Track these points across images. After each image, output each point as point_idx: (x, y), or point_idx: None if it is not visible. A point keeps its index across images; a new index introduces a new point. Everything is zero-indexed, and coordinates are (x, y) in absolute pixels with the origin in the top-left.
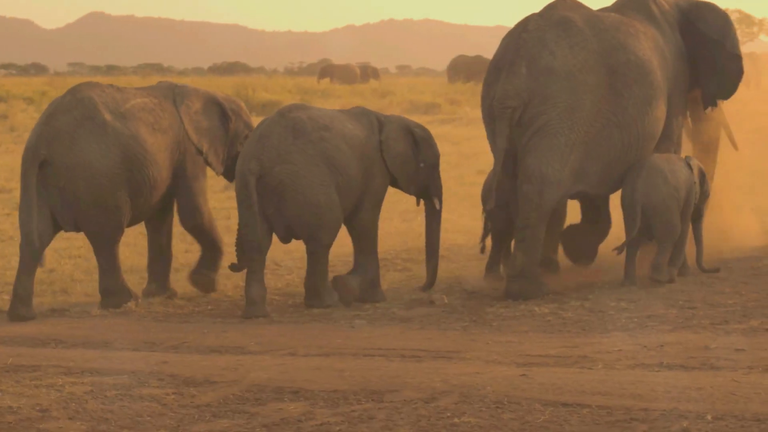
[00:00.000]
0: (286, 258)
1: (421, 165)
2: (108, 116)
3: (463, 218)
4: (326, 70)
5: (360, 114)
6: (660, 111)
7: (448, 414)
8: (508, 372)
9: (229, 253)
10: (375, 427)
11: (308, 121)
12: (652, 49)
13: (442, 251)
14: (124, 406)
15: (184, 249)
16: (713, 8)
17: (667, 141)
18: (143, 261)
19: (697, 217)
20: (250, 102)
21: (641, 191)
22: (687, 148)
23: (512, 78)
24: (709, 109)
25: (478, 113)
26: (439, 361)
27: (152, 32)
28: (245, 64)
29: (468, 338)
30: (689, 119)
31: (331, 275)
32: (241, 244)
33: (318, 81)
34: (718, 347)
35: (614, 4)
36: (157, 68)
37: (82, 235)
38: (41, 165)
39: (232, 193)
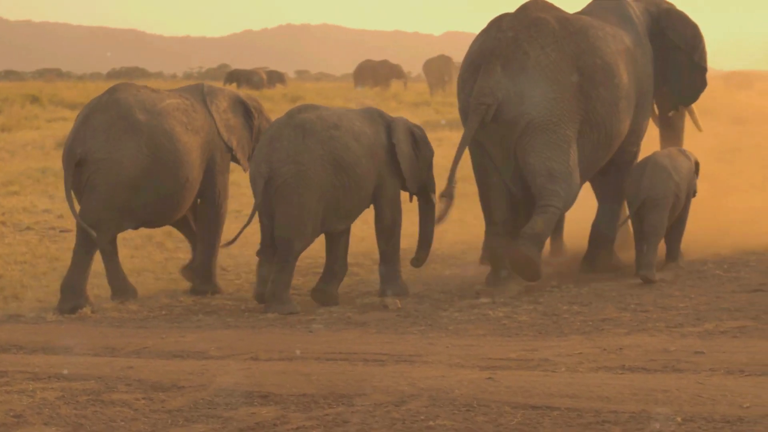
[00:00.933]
0: (231, 263)
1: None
2: (142, 116)
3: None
4: (233, 75)
5: (369, 113)
6: (626, 112)
7: (422, 417)
8: (473, 375)
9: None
10: (351, 430)
11: (317, 120)
12: (620, 52)
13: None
14: (97, 412)
15: (130, 255)
16: (684, 18)
17: (635, 138)
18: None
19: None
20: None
21: (646, 186)
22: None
23: (488, 76)
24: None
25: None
26: (401, 364)
27: (50, 37)
28: (144, 69)
29: (426, 342)
30: (656, 109)
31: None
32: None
33: (224, 86)
34: (677, 350)
35: (589, 6)
36: (57, 73)
37: (25, 239)
38: (78, 164)
39: None
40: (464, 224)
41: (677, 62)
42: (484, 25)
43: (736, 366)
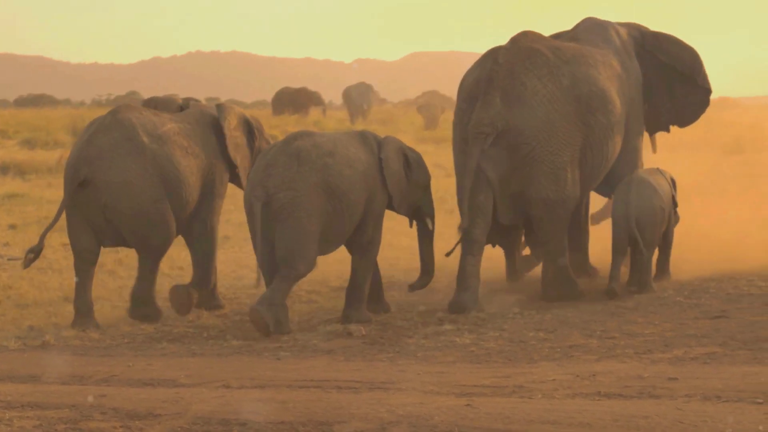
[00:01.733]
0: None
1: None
2: (146, 138)
3: None
4: (149, 102)
5: (361, 136)
6: (619, 134)
7: None
8: (450, 402)
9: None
10: None
11: (312, 148)
12: (611, 77)
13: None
14: None
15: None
16: (678, 42)
17: (630, 157)
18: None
19: None
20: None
21: (634, 204)
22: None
23: (487, 107)
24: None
25: None
26: (376, 392)
27: None
28: (51, 96)
29: (397, 369)
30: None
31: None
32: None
33: None
34: (651, 376)
35: (574, 30)
36: None
37: None
38: (81, 183)
39: None
40: (416, 251)
41: (669, 84)
42: (394, 52)
43: (712, 392)
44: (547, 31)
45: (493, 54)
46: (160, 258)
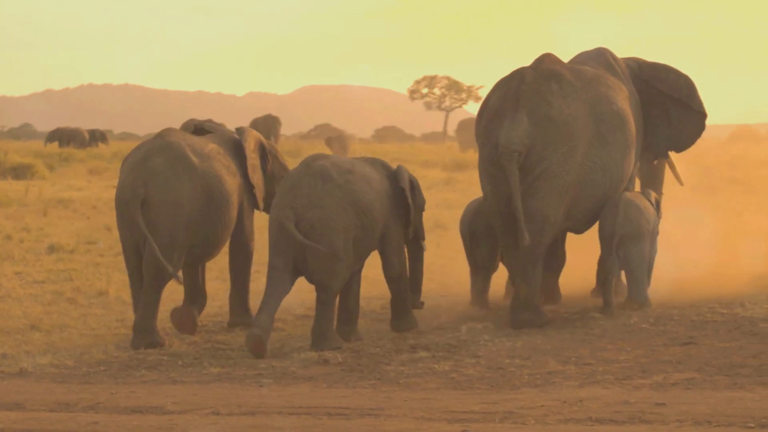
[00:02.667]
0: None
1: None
2: (195, 158)
3: None
4: (56, 134)
5: (372, 162)
6: (633, 155)
7: None
8: (447, 428)
9: None
10: None
11: (332, 167)
12: (625, 99)
13: None
14: None
15: (44, 311)
16: (674, 70)
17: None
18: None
19: None
20: (2, 165)
21: (621, 223)
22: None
23: (516, 126)
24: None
25: None
26: (367, 418)
27: None
28: None
29: (382, 396)
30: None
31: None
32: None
33: (45, 145)
34: (638, 402)
35: (577, 59)
36: None
37: None
38: (141, 204)
39: None
40: (370, 281)
41: (666, 111)
42: (285, 86)
43: (702, 417)
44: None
45: (518, 74)
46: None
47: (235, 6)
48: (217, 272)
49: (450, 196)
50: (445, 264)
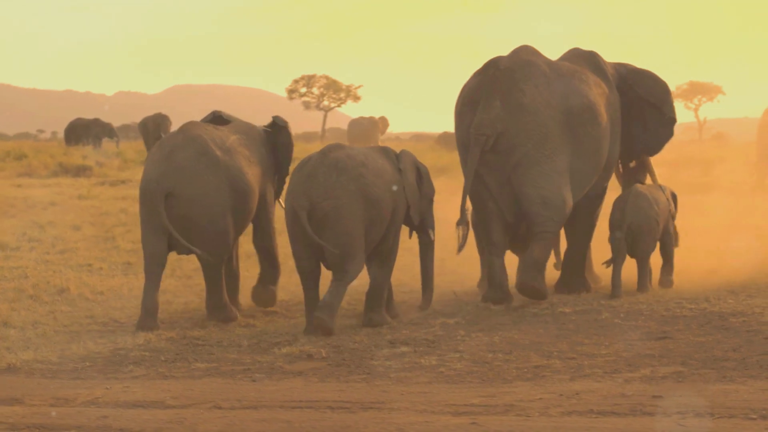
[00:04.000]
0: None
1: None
2: (218, 152)
3: None
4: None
5: (383, 151)
6: (605, 149)
7: None
8: (455, 420)
9: None
10: None
11: (347, 159)
12: (600, 95)
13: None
14: None
15: (10, 308)
16: (653, 76)
17: (606, 174)
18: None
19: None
20: None
21: (630, 213)
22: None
23: (488, 110)
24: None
25: (125, 174)
26: (371, 412)
27: None
28: None
29: (378, 390)
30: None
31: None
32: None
33: None
34: (634, 394)
35: (565, 56)
36: None
37: None
38: (166, 197)
39: None
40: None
41: (643, 116)
42: (155, 85)
43: (702, 409)
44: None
45: (494, 62)
46: (222, 265)
47: (105, 4)
48: (176, 269)
49: None
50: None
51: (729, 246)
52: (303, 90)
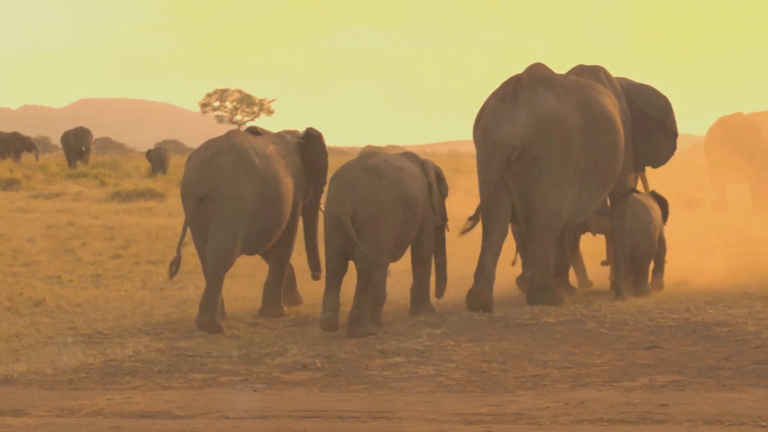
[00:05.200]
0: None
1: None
2: (257, 159)
3: None
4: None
5: (411, 157)
6: (622, 156)
7: None
8: (468, 429)
9: None
10: None
11: (385, 165)
12: (614, 105)
13: None
14: None
15: None
16: (655, 90)
17: (624, 181)
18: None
19: None
20: None
21: (630, 219)
22: None
23: (515, 123)
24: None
25: (54, 187)
26: (380, 421)
27: None
28: None
29: (382, 400)
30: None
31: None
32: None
33: None
34: (641, 403)
35: (573, 71)
36: None
37: None
38: (201, 199)
39: None
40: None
41: (645, 129)
42: (60, 99)
43: (711, 417)
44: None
45: (515, 79)
46: (224, 272)
47: (9, 18)
48: (147, 281)
49: None
50: None
51: (694, 259)
52: (216, 104)
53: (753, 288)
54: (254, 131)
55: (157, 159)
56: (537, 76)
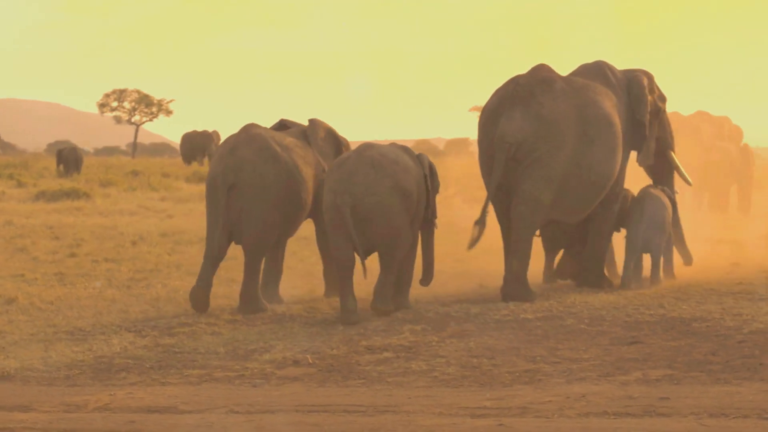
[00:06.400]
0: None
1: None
2: (278, 148)
3: None
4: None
5: (405, 149)
6: (619, 157)
7: None
8: (482, 423)
9: None
10: None
11: (382, 157)
12: (612, 107)
13: None
14: None
15: None
16: (637, 80)
17: (621, 180)
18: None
19: None
20: None
21: (649, 213)
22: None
23: (510, 121)
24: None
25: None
26: (388, 414)
27: None
28: None
29: (383, 394)
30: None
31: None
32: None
33: None
34: (641, 396)
35: (577, 70)
36: None
37: None
38: (230, 189)
39: None
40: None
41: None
42: None
43: (714, 410)
44: None
45: (514, 80)
46: (262, 258)
47: None
48: (113, 279)
49: None
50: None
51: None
52: (115, 104)
53: (716, 284)
54: (283, 124)
55: (73, 160)
56: (536, 77)
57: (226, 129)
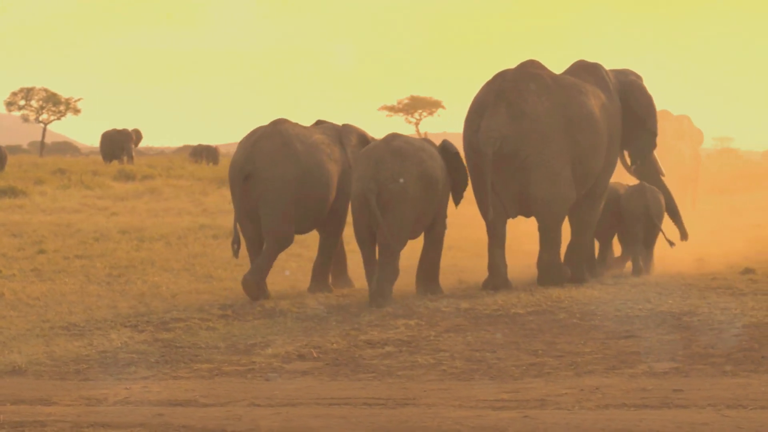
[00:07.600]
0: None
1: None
2: (299, 145)
3: None
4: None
5: (427, 140)
6: (602, 153)
7: None
8: (507, 414)
9: None
10: None
11: (407, 146)
12: (598, 106)
13: None
14: None
15: None
16: (642, 89)
17: (607, 175)
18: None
19: None
20: None
21: (651, 205)
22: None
23: (494, 116)
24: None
25: None
26: (410, 408)
27: None
28: None
29: (398, 387)
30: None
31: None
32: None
33: None
34: (655, 389)
35: (569, 69)
36: None
37: None
38: (246, 178)
39: None
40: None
41: (633, 125)
42: None
43: (730, 401)
44: None
45: (502, 74)
46: (281, 249)
47: None
48: (91, 276)
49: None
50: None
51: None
52: (22, 102)
53: (691, 279)
54: (319, 123)
55: None
56: (523, 73)
57: (148, 130)
